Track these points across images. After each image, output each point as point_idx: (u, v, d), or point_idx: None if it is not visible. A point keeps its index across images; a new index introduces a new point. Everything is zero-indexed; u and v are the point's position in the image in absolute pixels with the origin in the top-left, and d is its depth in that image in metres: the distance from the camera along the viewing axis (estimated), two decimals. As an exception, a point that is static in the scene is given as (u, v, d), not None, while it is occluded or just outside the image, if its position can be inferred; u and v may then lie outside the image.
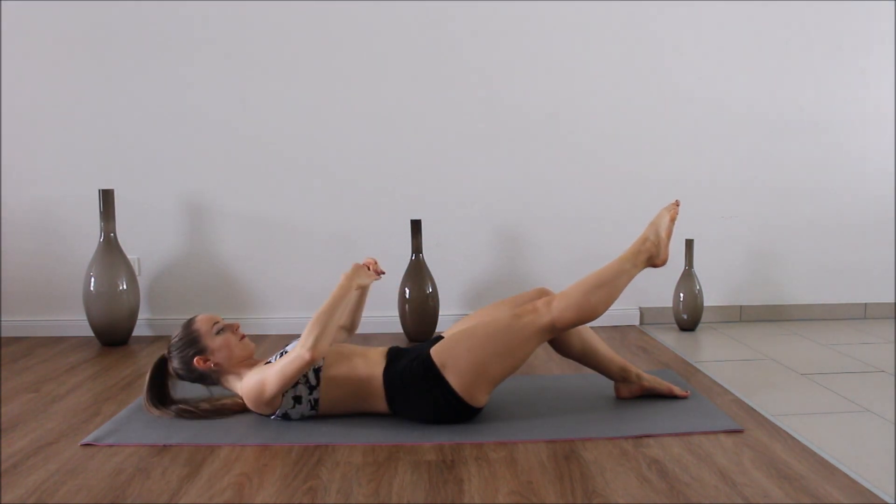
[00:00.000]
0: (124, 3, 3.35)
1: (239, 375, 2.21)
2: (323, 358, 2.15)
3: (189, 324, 2.24)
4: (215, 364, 2.19)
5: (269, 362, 2.17)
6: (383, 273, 2.31)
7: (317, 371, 2.14)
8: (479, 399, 2.13)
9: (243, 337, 2.25)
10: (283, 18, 3.37)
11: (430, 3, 3.39)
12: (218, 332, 2.21)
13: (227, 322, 2.27)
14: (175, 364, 2.22)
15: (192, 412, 2.24)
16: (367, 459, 1.93)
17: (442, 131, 3.46)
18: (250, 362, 2.25)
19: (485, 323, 2.14)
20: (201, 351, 2.19)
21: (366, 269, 2.23)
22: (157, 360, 2.27)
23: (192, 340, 2.20)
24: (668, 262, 2.29)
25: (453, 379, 2.09)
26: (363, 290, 2.43)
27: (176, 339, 2.24)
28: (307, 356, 2.02)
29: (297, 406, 2.16)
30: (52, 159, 3.42)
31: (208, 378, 2.23)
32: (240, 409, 2.28)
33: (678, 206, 2.28)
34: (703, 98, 3.53)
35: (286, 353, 2.15)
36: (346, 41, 3.40)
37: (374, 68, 3.42)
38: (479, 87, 3.45)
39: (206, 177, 3.43)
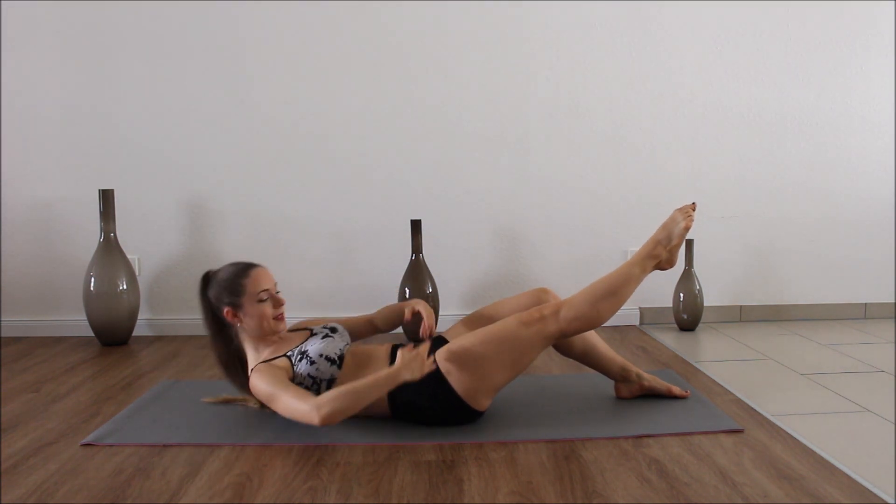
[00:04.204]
0: (124, 3, 3.35)
1: (256, 347, 2.20)
2: (339, 368, 2.14)
3: (243, 272, 2.20)
4: (241, 325, 2.18)
5: (288, 356, 2.14)
6: (433, 335, 2.26)
7: (330, 382, 2.12)
8: (481, 403, 2.13)
9: (280, 315, 2.21)
10: (282, 18, 3.37)
11: (431, 2, 3.39)
12: (261, 301, 2.18)
13: (276, 294, 2.22)
14: (211, 294, 2.20)
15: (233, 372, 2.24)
16: (367, 459, 1.93)
17: (442, 132, 3.46)
18: (272, 340, 2.22)
19: (491, 329, 2.12)
20: (235, 306, 2.17)
21: (422, 360, 1.99)
22: (204, 276, 2.24)
23: (234, 291, 2.17)
24: (674, 265, 2.26)
25: (457, 383, 2.08)
26: (410, 309, 2.38)
27: (224, 275, 2.20)
28: (316, 422, 1.91)
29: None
30: (52, 159, 3.42)
31: (229, 327, 2.22)
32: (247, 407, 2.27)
33: (694, 210, 2.23)
34: (703, 98, 3.53)
35: (306, 353, 2.13)
36: (345, 41, 3.40)
37: (373, 68, 3.42)
38: (479, 87, 3.45)
39: (206, 177, 3.43)
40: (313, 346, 2.15)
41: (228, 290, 2.17)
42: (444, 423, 2.14)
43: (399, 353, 1.99)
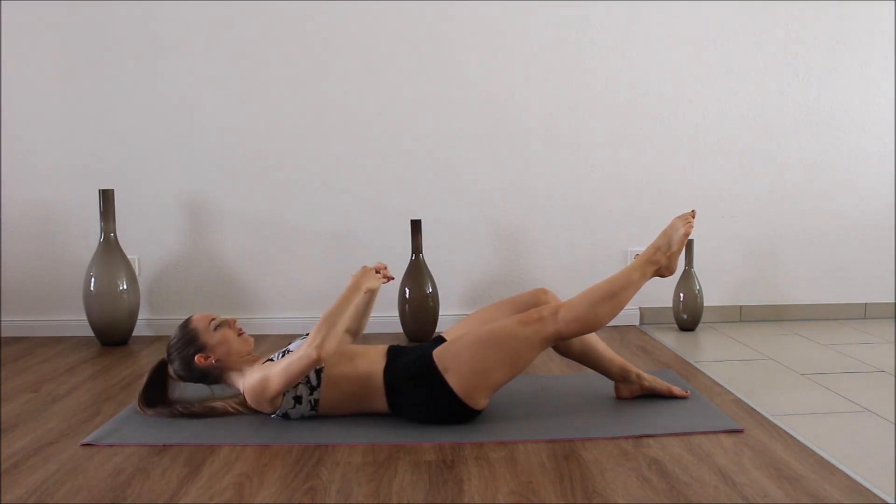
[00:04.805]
0: (124, 3, 3.35)
1: (241, 371, 2.21)
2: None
3: (186, 324, 2.24)
4: (216, 360, 2.19)
5: (272, 360, 2.17)
6: (392, 278, 2.32)
7: (318, 371, 2.14)
8: (479, 402, 2.13)
9: (241, 332, 2.26)
10: (282, 19, 3.37)
11: (429, 3, 3.39)
12: (216, 329, 2.22)
13: (223, 318, 2.27)
14: (176, 366, 2.22)
15: (188, 413, 2.24)
16: (367, 459, 1.93)
17: (442, 132, 3.46)
18: (251, 358, 2.25)
19: (489, 328, 2.12)
20: (201, 348, 2.19)
21: (374, 272, 2.24)
22: (157, 364, 2.27)
23: (190, 339, 2.20)
24: (674, 272, 2.28)
25: (454, 382, 2.08)
26: (371, 294, 2.42)
27: (174, 340, 2.23)
28: (314, 355, 2.02)
29: (297, 406, 2.16)
30: (52, 159, 3.42)
31: (210, 376, 2.22)
32: (235, 411, 2.27)
33: (694, 217, 2.25)
34: (702, 98, 3.53)
35: (289, 351, 2.15)
36: (345, 41, 3.40)
37: (373, 68, 3.42)
38: (478, 87, 3.45)
39: (206, 177, 3.44)
40: (294, 344, 2.20)
41: (187, 342, 2.20)
42: (442, 421, 2.14)
43: (352, 277, 2.20)
